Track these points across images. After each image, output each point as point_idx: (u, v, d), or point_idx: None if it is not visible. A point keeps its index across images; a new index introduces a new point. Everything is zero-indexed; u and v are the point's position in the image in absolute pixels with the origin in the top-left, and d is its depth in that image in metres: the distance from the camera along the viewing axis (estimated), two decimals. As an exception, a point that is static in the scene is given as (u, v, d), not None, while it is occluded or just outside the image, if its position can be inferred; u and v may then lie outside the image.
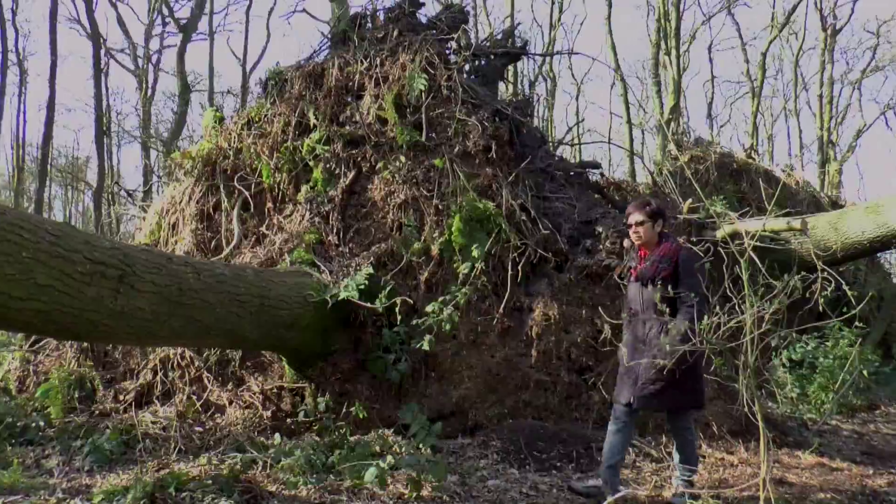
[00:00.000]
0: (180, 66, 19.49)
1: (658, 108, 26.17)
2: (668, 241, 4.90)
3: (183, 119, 19.60)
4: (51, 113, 22.98)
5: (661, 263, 4.75)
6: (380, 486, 4.96)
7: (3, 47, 24.34)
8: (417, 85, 7.31)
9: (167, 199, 8.23)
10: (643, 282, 4.83)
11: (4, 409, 6.66)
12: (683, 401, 4.83)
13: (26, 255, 3.58)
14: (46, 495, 4.80)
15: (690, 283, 4.64)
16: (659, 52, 26.42)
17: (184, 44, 19.97)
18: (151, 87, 26.68)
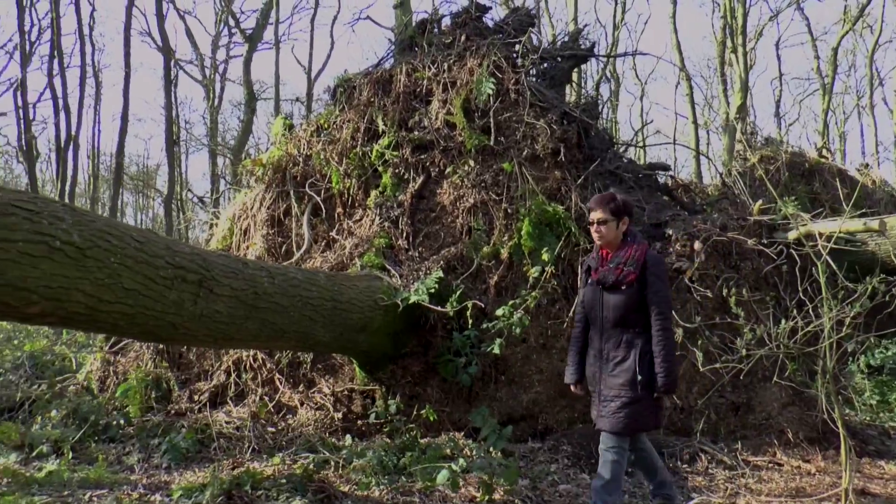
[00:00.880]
0: (246, 75, 19.92)
1: (724, 108, 25.70)
2: (633, 241, 4.40)
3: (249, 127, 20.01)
4: (124, 123, 23.75)
5: (627, 267, 4.27)
6: (452, 489, 4.98)
7: (82, 62, 25.31)
8: (485, 89, 7.32)
9: (238, 205, 8.41)
10: (604, 286, 4.34)
11: (88, 408, 6.91)
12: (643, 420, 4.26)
13: (114, 260, 3.70)
14: (129, 490, 4.97)
15: (658, 290, 4.25)
16: (725, 49, 25.96)
17: (250, 53, 20.38)
18: (218, 96, 27.33)
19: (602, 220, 4.36)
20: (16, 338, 17.25)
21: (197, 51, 28.75)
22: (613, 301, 4.27)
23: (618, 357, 4.25)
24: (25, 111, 24.86)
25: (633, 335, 4.25)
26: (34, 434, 6.34)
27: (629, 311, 4.24)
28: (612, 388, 4.22)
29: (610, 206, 4.35)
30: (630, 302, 4.23)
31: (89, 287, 3.48)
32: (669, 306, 4.28)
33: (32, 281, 3.29)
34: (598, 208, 4.38)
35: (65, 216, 3.48)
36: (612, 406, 4.20)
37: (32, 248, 3.26)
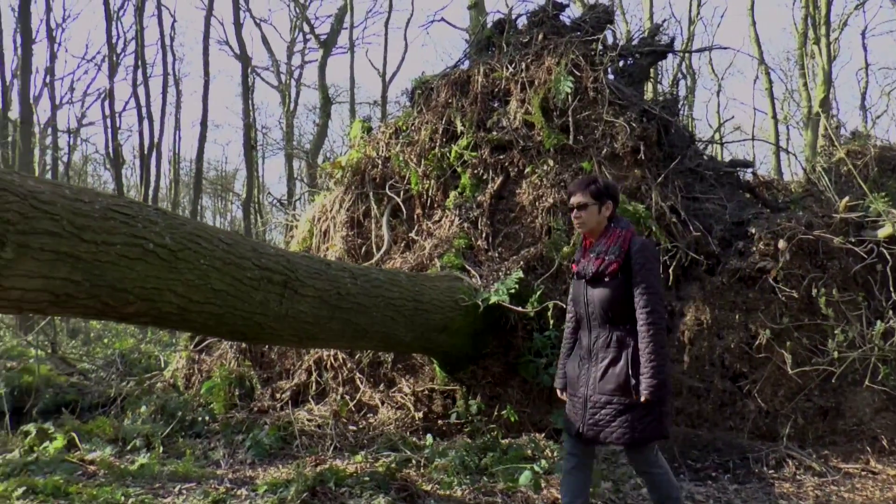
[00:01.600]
0: (321, 79, 20.20)
1: (806, 101, 24.90)
2: (617, 227, 3.89)
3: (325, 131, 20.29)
4: (203, 129, 24.45)
5: (608, 256, 3.78)
6: (534, 490, 4.95)
7: (164, 71, 26.23)
8: (563, 88, 7.26)
9: (318, 207, 8.55)
10: (587, 279, 3.88)
11: (175, 405, 7.13)
12: (643, 431, 3.69)
13: (204, 262, 3.80)
14: (216, 484, 5.10)
15: (643, 279, 3.71)
16: (806, 41, 25.11)
17: (324, 58, 20.69)
18: (294, 101, 27.90)
19: (581, 205, 3.89)
20: (105, 336, 17.96)
21: (273, 57, 29.44)
22: (597, 295, 3.80)
23: (607, 358, 3.76)
24: (112, 120, 25.89)
25: (623, 333, 3.75)
26: (126, 428, 6.58)
27: (616, 306, 3.74)
28: (602, 392, 3.74)
29: (590, 188, 3.89)
30: (615, 295, 3.74)
31: (180, 288, 3.58)
32: (659, 297, 3.73)
33: (129, 282, 3.40)
34: (577, 191, 3.94)
35: (158, 220, 3.59)
36: (605, 414, 3.71)
37: (129, 250, 3.38)
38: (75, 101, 35.84)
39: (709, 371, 6.43)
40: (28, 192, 3.03)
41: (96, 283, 3.28)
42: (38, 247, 3.02)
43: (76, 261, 3.18)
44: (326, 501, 4.61)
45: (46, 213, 3.06)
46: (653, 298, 3.67)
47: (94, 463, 5.59)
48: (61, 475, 5.06)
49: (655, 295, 3.69)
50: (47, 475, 5.07)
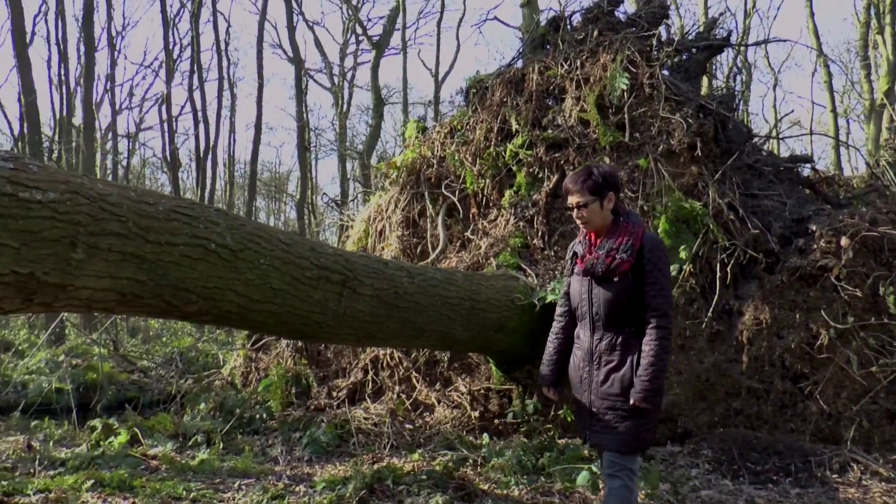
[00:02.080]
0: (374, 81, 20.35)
1: (868, 93, 24.22)
2: (627, 221, 3.62)
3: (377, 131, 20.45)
4: (258, 132, 24.84)
5: (620, 254, 3.52)
6: (592, 491, 4.92)
7: (220, 75, 26.72)
8: (619, 84, 7.18)
9: (373, 207, 8.60)
10: (594, 277, 3.63)
11: (234, 402, 7.27)
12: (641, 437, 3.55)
13: (263, 261, 3.85)
14: (274, 480, 5.17)
15: (655, 282, 3.50)
16: (868, 31, 24.41)
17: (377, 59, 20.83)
18: (347, 102, 28.10)
19: (581, 204, 3.60)
20: (164, 335, 18.35)
21: (325, 59, 29.68)
22: (604, 295, 3.57)
23: (612, 362, 3.55)
24: (170, 124, 26.50)
25: (628, 336, 3.56)
26: (186, 424, 6.74)
27: (623, 307, 3.54)
28: (604, 398, 3.56)
29: (587, 184, 3.59)
30: (624, 296, 3.53)
31: (241, 287, 3.64)
32: (670, 301, 3.53)
33: (191, 281, 3.47)
34: (575, 189, 3.64)
35: (219, 221, 3.65)
36: (608, 420, 3.54)
37: (191, 250, 3.44)
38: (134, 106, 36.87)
39: (768, 372, 6.30)
40: (97, 195, 3.11)
41: (160, 283, 3.36)
42: (107, 247, 3.10)
43: (141, 261, 3.26)
44: (384, 499, 4.66)
45: (114, 214, 3.14)
46: (664, 301, 3.49)
47: (157, 458, 5.74)
48: (126, 469, 5.20)
49: (667, 298, 3.51)
50: (113, 469, 5.22)
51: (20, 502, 4.43)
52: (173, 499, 4.62)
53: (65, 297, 3.09)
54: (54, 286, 2.99)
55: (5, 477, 4.89)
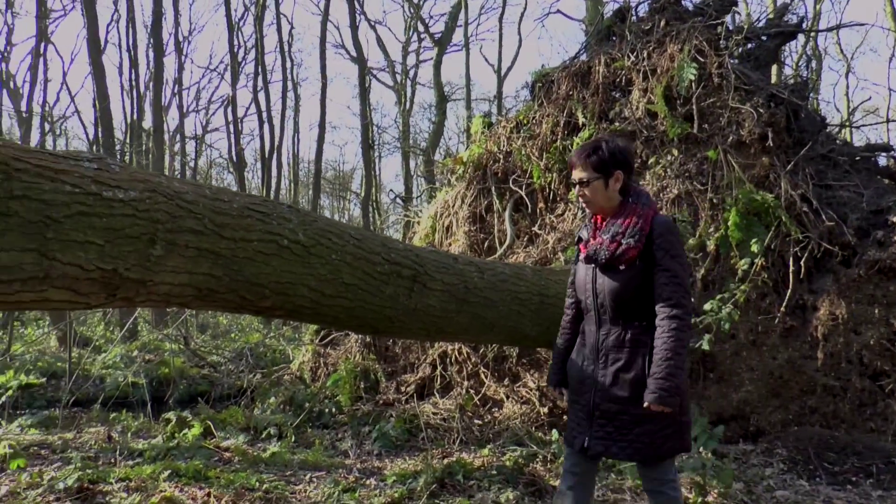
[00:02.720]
0: (437, 78, 20.38)
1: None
2: (635, 202, 3.22)
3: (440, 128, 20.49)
4: (322, 131, 25.21)
5: (627, 239, 3.12)
6: (663, 489, 4.85)
7: (283, 76, 27.26)
8: (687, 75, 7.05)
9: (440, 202, 8.63)
10: (598, 264, 3.23)
11: (303, 397, 7.39)
12: (663, 445, 3.09)
13: (335, 257, 3.90)
14: (345, 474, 5.23)
15: (668, 269, 3.08)
16: (951, 10, 23.47)
17: (439, 56, 20.86)
18: (410, 100, 28.23)
19: (584, 181, 3.21)
20: (232, 331, 18.74)
21: (388, 58, 29.91)
22: (610, 285, 3.17)
23: (620, 360, 3.14)
24: (235, 126, 27.04)
25: (639, 331, 3.16)
26: (257, 418, 6.88)
27: (632, 299, 3.14)
28: (613, 401, 3.13)
29: (591, 159, 3.20)
30: (632, 286, 3.13)
31: (313, 282, 3.69)
32: (685, 290, 3.08)
33: (265, 277, 3.53)
34: (577, 164, 3.26)
35: (291, 217, 3.71)
36: (616, 426, 3.12)
37: (265, 246, 3.51)
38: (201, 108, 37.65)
39: (845, 369, 6.12)
40: (174, 193, 3.19)
41: (235, 279, 3.43)
42: (184, 244, 3.18)
43: (217, 257, 3.32)
44: (455, 493, 4.68)
45: (191, 212, 3.21)
46: (678, 290, 3.06)
47: (229, 450, 5.86)
48: (200, 460, 5.32)
49: (682, 287, 3.07)
50: (188, 460, 5.35)
51: (104, 489, 4.58)
52: (247, 490, 4.70)
53: (145, 293, 3.17)
54: (135, 282, 3.08)
55: (89, 466, 5.06)
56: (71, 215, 2.79)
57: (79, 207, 2.81)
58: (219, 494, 4.53)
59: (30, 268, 2.69)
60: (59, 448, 5.82)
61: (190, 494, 4.56)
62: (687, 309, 3.05)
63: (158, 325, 17.42)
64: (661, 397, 2.95)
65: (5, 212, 2.59)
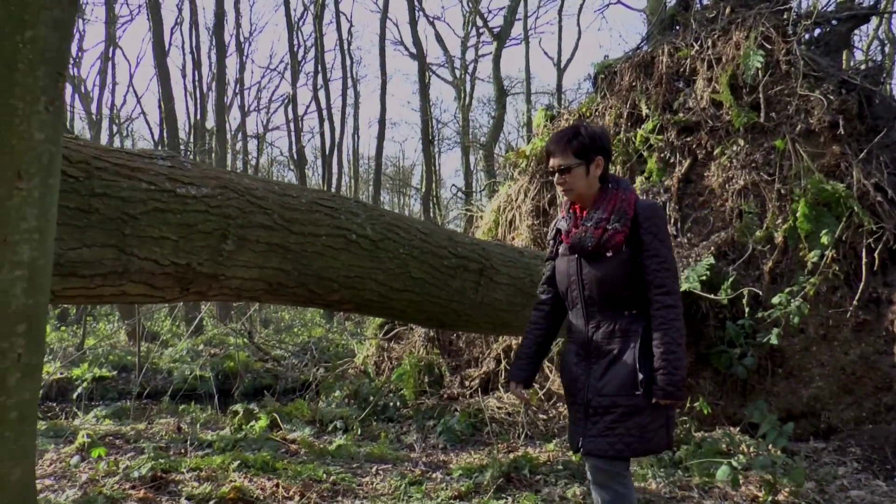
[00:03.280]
0: (496, 72, 20.30)
1: None
2: (616, 188, 3.07)
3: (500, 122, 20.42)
4: (382, 127, 25.35)
5: (612, 224, 2.96)
6: (732, 486, 4.76)
7: (343, 74, 27.54)
8: (753, 63, 6.88)
9: (503, 196, 8.60)
10: (583, 254, 3.05)
11: (368, 390, 7.45)
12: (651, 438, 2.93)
13: (403, 251, 3.93)
14: (411, 467, 5.26)
15: (656, 254, 2.92)
16: None
17: (498, 51, 20.75)
18: (469, 95, 28.19)
19: (564, 168, 3.04)
20: (295, 326, 19.00)
21: (447, 53, 29.96)
22: (597, 274, 2.99)
23: (612, 352, 2.97)
24: (296, 124, 27.42)
25: (629, 320, 2.97)
26: (322, 411, 6.96)
27: (620, 287, 2.97)
28: (604, 395, 2.96)
29: (572, 144, 3.04)
30: (620, 273, 2.96)
31: (381, 276, 3.72)
32: (675, 274, 2.96)
33: (333, 271, 3.58)
34: (556, 150, 3.08)
35: (359, 211, 3.75)
36: (606, 421, 2.94)
37: (333, 241, 3.55)
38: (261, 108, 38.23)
39: (925, 364, 5.94)
40: (245, 189, 3.25)
41: (304, 273, 3.48)
42: (255, 239, 3.24)
43: (286, 251, 3.38)
44: (521, 488, 4.67)
45: (261, 207, 3.27)
46: (669, 276, 2.91)
47: (296, 442, 5.95)
48: (268, 452, 5.41)
49: (670, 271, 2.93)
50: (256, 451, 5.45)
51: (176, 479, 4.69)
52: (314, 481, 4.77)
53: (217, 287, 3.24)
54: (208, 276, 3.15)
55: (161, 455, 5.19)
56: (147, 212, 2.87)
57: (154, 204, 2.89)
58: (287, 485, 4.60)
59: (110, 263, 2.77)
60: (132, 438, 5.99)
61: (259, 485, 4.64)
62: (678, 294, 2.94)
63: (223, 320, 17.77)
64: (670, 392, 2.83)
65: (87, 209, 2.67)
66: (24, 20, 2.02)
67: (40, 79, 2.09)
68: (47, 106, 2.13)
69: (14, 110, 2.04)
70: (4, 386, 2.12)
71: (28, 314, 2.16)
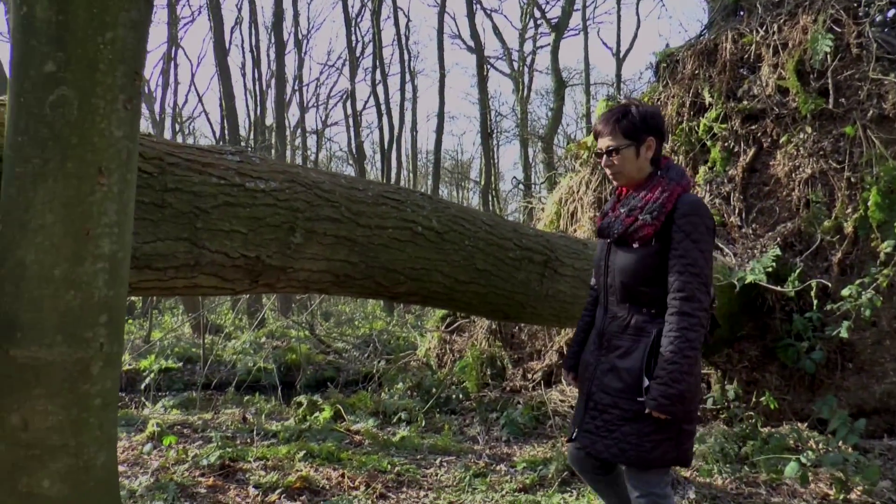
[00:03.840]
0: (554, 63, 20.16)
1: None
2: (665, 175, 2.86)
3: (559, 114, 20.30)
4: (441, 121, 25.42)
5: (644, 214, 2.77)
6: (801, 484, 4.66)
7: (401, 69, 27.72)
8: (822, 47, 6.67)
9: (564, 188, 8.55)
10: (612, 239, 2.91)
11: (430, 382, 7.50)
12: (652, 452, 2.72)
13: (468, 243, 3.94)
14: (475, 459, 5.28)
15: (685, 254, 2.70)
16: None
17: (556, 42, 20.60)
18: (527, 87, 28.07)
19: (612, 149, 2.86)
20: (355, 319, 19.21)
21: (505, 46, 29.84)
22: (621, 262, 2.84)
23: (620, 348, 2.82)
24: (355, 119, 27.64)
25: (647, 318, 2.80)
26: (385, 403, 7.03)
27: (640, 281, 2.79)
28: (606, 392, 2.82)
29: (621, 124, 2.84)
30: (642, 267, 2.78)
31: (447, 268, 3.74)
32: (702, 281, 2.70)
33: (400, 263, 3.61)
34: (604, 130, 2.89)
35: (424, 204, 3.77)
36: (604, 420, 2.82)
37: (400, 233, 3.58)
38: (320, 104, 38.65)
39: None
40: (312, 183, 3.30)
41: (371, 265, 3.52)
42: (322, 232, 3.28)
43: (353, 244, 3.42)
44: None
45: (328, 200, 3.31)
46: (693, 281, 2.67)
47: (360, 433, 6.03)
48: (332, 442, 5.50)
49: (698, 277, 2.68)
50: (321, 442, 5.54)
51: (243, 467, 4.80)
52: (379, 472, 4.83)
53: (285, 279, 3.30)
54: (277, 268, 3.20)
55: (228, 445, 5.32)
56: (218, 206, 2.92)
57: (225, 198, 2.95)
58: (352, 475, 4.67)
59: (182, 256, 2.85)
60: (199, 427, 6.14)
61: (325, 475, 4.72)
62: (702, 304, 2.68)
63: (284, 313, 18.06)
64: (662, 405, 2.62)
65: (161, 204, 2.74)
66: (105, 22, 2.09)
67: (119, 78, 2.15)
68: (125, 104, 2.19)
69: (96, 109, 2.11)
70: (88, 374, 2.19)
71: (109, 305, 2.23)
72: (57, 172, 2.08)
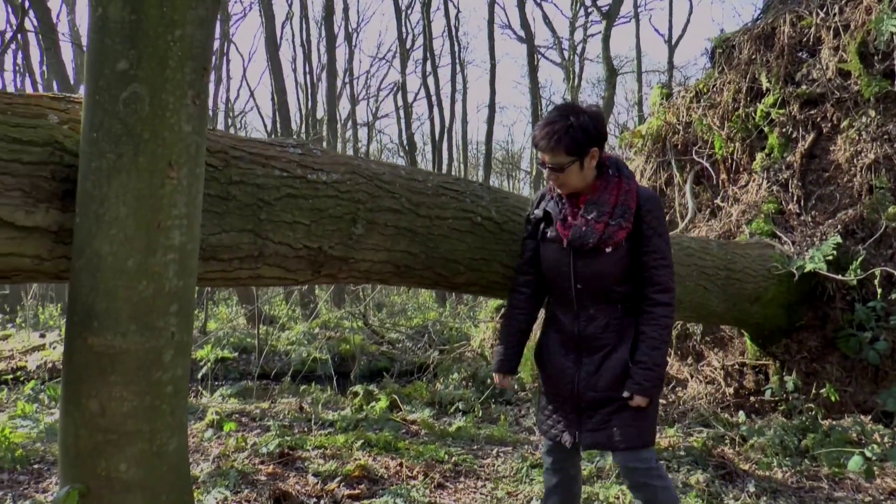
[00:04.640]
0: (605, 51, 19.89)
1: None
2: (617, 175, 2.91)
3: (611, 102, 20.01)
4: (492, 112, 25.43)
5: (616, 219, 2.83)
6: (865, 478, 4.57)
7: (452, 60, 27.73)
8: (887, 27, 6.43)
9: (618, 177, 8.47)
10: (580, 249, 2.89)
11: (485, 373, 7.53)
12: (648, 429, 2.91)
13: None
14: (531, 450, 5.28)
15: (658, 249, 2.86)
16: None
17: (607, 30, 20.31)
18: (578, 76, 27.85)
19: (556, 166, 2.84)
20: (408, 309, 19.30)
21: (555, 35, 29.61)
22: (593, 269, 2.88)
23: (605, 347, 2.90)
24: (405, 110, 27.72)
25: (622, 314, 2.92)
26: (441, 393, 7.06)
27: (618, 282, 2.90)
28: (598, 390, 2.89)
29: (563, 143, 2.79)
30: (618, 269, 2.88)
31: (506, 258, 3.73)
32: (672, 272, 2.91)
33: (459, 253, 3.62)
34: (548, 151, 2.83)
35: (483, 194, 3.77)
36: (602, 413, 2.90)
37: (459, 224, 3.59)
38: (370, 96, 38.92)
39: None
40: (372, 174, 3.33)
41: (431, 255, 3.54)
42: (383, 223, 3.31)
43: (413, 235, 3.44)
44: (644, 473, 4.62)
45: (388, 191, 3.34)
46: (668, 273, 2.88)
47: (416, 423, 6.06)
48: (389, 432, 5.55)
49: (668, 267, 2.89)
50: (377, 431, 5.59)
51: (302, 456, 4.87)
52: (436, 461, 4.86)
53: (347, 269, 3.34)
54: (338, 259, 3.24)
55: (286, 433, 5.40)
56: (280, 198, 2.97)
57: (287, 190, 3.00)
58: (410, 465, 4.71)
59: (246, 247, 2.90)
60: (257, 416, 6.25)
61: (383, 464, 4.77)
62: (674, 292, 2.93)
63: (338, 304, 18.24)
64: (645, 389, 2.80)
65: (225, 196, 2.80)
66: (174, 20, 2.14)
67: (188, 74, 2.21)
68: (194, 99, 2.25)
69: (166, 105, 2.17)
70: (160, 362, 2.26)
71: (179, 295, 2.30)
72: (130, 167, 2.15)
